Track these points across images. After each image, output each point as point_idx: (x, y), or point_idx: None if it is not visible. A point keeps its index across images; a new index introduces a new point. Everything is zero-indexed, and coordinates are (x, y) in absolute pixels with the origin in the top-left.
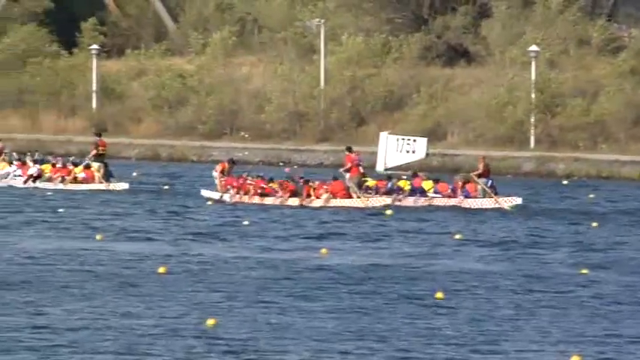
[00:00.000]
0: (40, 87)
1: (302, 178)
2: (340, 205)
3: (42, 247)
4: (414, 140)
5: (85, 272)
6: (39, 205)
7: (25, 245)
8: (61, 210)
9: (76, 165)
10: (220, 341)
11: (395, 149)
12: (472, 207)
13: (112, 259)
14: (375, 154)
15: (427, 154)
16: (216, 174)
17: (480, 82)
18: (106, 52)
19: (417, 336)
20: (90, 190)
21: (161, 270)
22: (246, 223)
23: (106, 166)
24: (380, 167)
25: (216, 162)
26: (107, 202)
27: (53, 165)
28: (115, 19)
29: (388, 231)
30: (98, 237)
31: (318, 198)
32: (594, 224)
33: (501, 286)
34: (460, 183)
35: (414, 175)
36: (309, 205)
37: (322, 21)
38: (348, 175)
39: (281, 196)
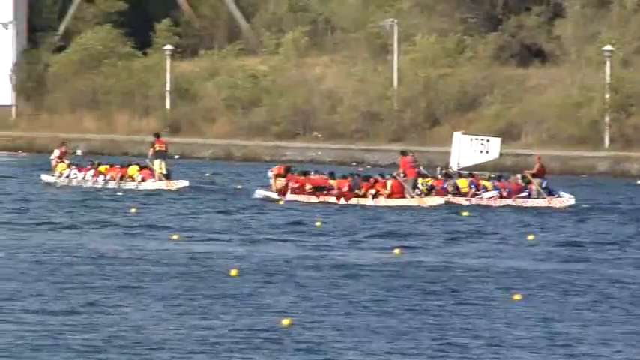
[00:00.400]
0: (115, 88)
1: (359, 176)
2: (396, 204)
3: (118, 247)
4: (488, 140)
5: (161, 272)
6: (107, 206)
7: (100, 245)
8: (132, 210)
9: (130, 165)
10: (295, 340)
11: (468, 149)
12: (526, 206)
13: (187, 258)
14: (448, 154)
15: (501, 155)
16: (271, 174)
17: (554, 81)
18: (179, 53)
19: (493, 337)
20: (149, 189)
21: (233, 272)
22: (317, 223)
23: (166, 164)
24: (454, 167)
25: (289, 162)
26: (173, 201)
27: (110, 166)
28: (189, 20)
29: (460, 231)
30: (175, 237)
31: (375, 197)
32: None
33: (576, 286)
34: (521, 183)
35: (471, 175)
36: (367, 204)
37: (395, 21)
38: (405, 178)
39: (339, 195)
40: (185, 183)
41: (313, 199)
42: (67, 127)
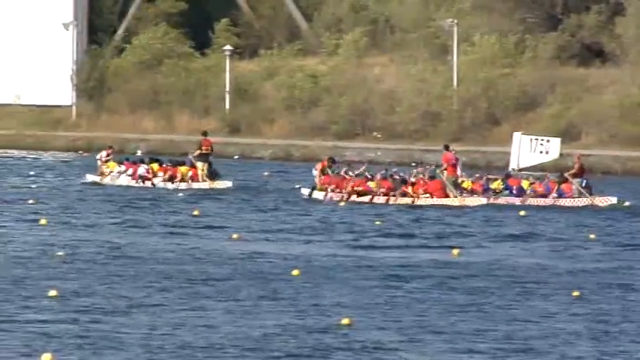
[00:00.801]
0: (175, 88)
1: (400, 175)
2: (437, 203)
3: (179, 247)
4: (548, 140)
5: (222, 271)
6: (171, 206)
7: (160, 245)
8: (195, 213)
9: (179, 164)
10: (355, 340)
11: (528, 149)
12: (566, 206)
13: (247, 258)
14: (508, 154)
15: (561, 155)
16: (316, 172)
17: (614, 81)
18: (238, 53)
19: (555, 334)
20: (193, 188)
21: (295, 272)
22: (377, 222)
23: (210, 165)
24: (513, 167)
25: (349, 163)
26: (229, 201)
27: (160, 164)
28: (249, 20)
29: (516, 231)
30: (235, 236)
31: (415, 197)
32: None
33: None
34: (556, 183)
35: (507, 175)
36: (407, 203)
37: (455, 21)
38: (445, 175)
39: (380, 195)
40: (229, 184)
41: (353, 198)
42: (126, 127)
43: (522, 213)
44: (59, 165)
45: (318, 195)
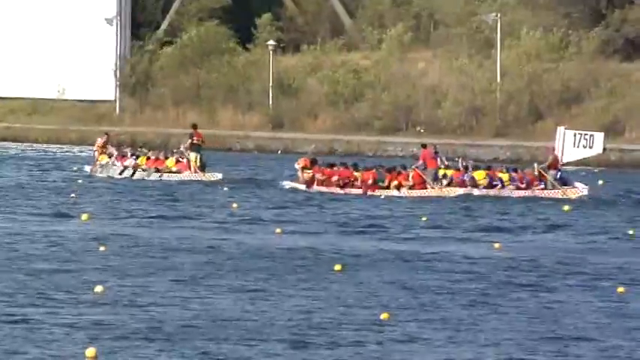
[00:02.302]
0: (218, 83)
1: (382, 166)
2: (417, 195)
3: (221, 241)
4: (591, 135)
5: (265, 265)
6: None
7: (202, 239)
8: (234, 205)
9: (167, 157)
10: (394, 335)
11: (572, 144)
12: (543, 197)
13: (288, 251)
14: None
15: (604, 149)
16: (298, 167)
17: None
18: (282, 48)
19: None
20: (184, 180)
21: (337, 267)
22: (424, 218)
23: (201, 157)
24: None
25: (391, 157)
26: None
27: (148, 157)
28: (292, 15)
29: (556, 225)
30: (278, 230)
31: (398, 188)
32: None
33: None
34: (534, 175)
35: (488, 167)
36: (389, 194)
37: (499, 15)
38: (426, 169)
39: (364, 187)
40: (219, 176)
41: (339, 190)
42: (170, 122)
43: (566, 208)
44: None
45: (298, 186)
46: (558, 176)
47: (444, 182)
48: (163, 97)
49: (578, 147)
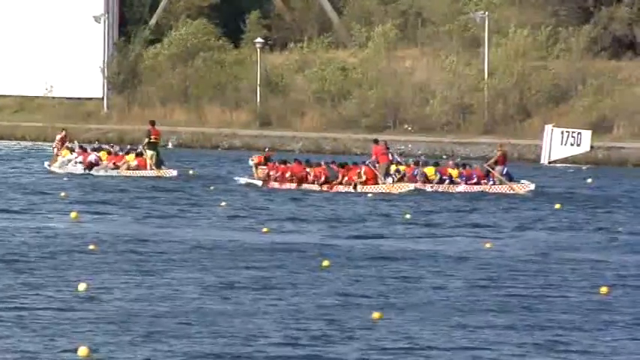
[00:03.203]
0: (206, 81)
1: (334, 162)
2: (369, 191)
3: (211, 238)
4: (579, 133)
5: (254, 263)
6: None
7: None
8: (222, 204)
9: (128, 153)
10: (389, 335)
11: (559, 142)
12: (491, 192)
13: (277, 250)
14: (539, 147)
15: (592, 147)
16: (252, 163)
17: None
18: (269, 46)
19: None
20: (142, 176)
21: (325, 263)
22: (407, 216)
23: (157, 154)
24: (544, 160)
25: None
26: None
27: (109, 153)
28: (280, 13)
29: (552, 222)
30: (265, 229)
31: (349, 184)
32: None
33: None
34: (481, 171)
35: (436, 164)
36: (342, 190)
37: (487, 14)
38: (378, 165)
39: (316, 182)
40: (174, 173)
41: (294, 186)
42: (157, 120)
43: (558, 206)
44: None
45: (254, 181)
46: (505, 172)
47: (396, 178)
48: (151, 95)
49: (565, 145)
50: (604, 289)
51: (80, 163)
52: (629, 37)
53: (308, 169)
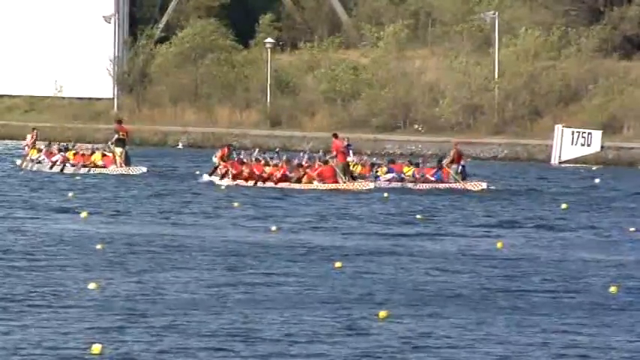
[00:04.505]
0: (216, 81)
1: (291, 161)
2: (329, 189)
3: (217, 237)
4: (589, 133)
5: (263, 263)
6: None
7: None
8: (235, 204)
9: (93, 152)
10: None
11: (569, 142)
12: (442, 189)
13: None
14: (549, 147)
15: (602, 147)
16: (216, 159)
17: None
18: (280, 46)
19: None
20: (110, 174)
21: (338, 265)
22: (419, 217)
23: (126, 151)
24: (554, 160)
25: (389, 155)
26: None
27: (75, 152)
28: (290, 13)
29: (561, 222)
30: (273, 229)
31: (309, 182)
32: None
33: None
34: (433, 169)
35: (392, 161)
36: (301, 188)
37: (497, 13)
38: (335, 161)
39: (276, 181)
40: (143, 169)
41: (251, 184)
42: (167, 120)
43: (564, 206)
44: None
45: (216, 179)
46: (459, 170)
47: (355, 176)
48: (161, 95)
49: (576, 145)
50: (614, 289)
51: (46, 162)
52: (639, 37)
53: (266, 168)
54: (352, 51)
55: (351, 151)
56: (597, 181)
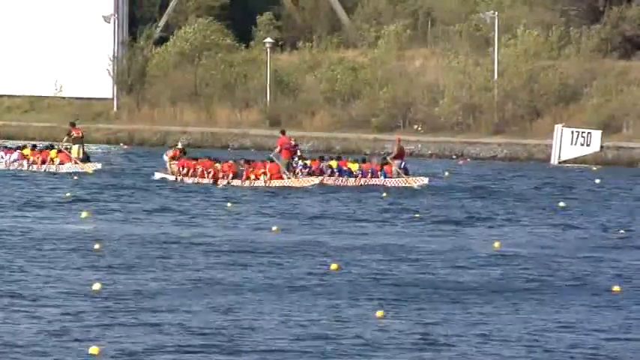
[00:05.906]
0: (215, 80)
1: (242, 159)
2: (276, 185)
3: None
4: (589, 133)
5: (262, 263)
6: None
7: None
8: (228, 204)
9: (52, 148)
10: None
11: (569, 142)
12: (389, 186)
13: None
14: (549, 146)
15: (601, 147)
16: (166, 158)
17: None
18: (279, 46)
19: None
20: (67, 172)
21: (334, 266)
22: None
23: (84, 149)
24: (554, 160)
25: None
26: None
27: (33, 149)
28: (290, 13)
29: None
30: (274, 229)
31: (257, 179)
32: None
33: None
34: (379, 165)
35: (338, 157)
36: (250, 185)
37: (496, 13)
38: (280, 158)
39: (227, 178)
40: (98, 166)
41: (205, 180)
42: (167, 119)
43: (562, 205)
44: (100, 157)
45: (167, 176)
46: (402, 166)
47: (304, 172)
48: (160, 95)
49: (575, 145)
50: (616, 288)
51: (4, 160)
52: (639, 37)
53: (217, 165)
54: (352, 51)
55: (298, 151)
56: (597, 181)
